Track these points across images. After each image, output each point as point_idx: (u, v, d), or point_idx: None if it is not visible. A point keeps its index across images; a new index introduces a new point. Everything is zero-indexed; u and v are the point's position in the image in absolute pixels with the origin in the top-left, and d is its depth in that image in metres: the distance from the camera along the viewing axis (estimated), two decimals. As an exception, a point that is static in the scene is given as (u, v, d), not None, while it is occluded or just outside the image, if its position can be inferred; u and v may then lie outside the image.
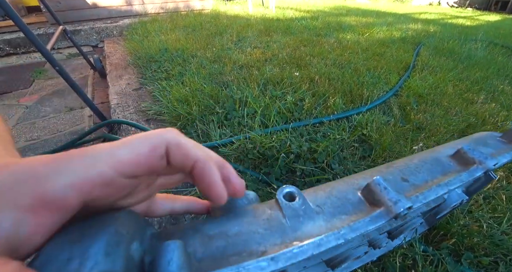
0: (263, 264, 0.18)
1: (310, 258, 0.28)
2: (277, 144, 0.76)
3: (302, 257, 0.20)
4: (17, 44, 2.23)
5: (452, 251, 0.62)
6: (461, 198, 0.49)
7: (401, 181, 0.30)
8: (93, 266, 0.14)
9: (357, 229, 0.23)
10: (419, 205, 0.26)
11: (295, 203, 0.25)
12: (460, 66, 1.59)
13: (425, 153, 0.38)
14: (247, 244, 0.21)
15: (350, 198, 0.27)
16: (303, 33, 2.08)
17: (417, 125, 0.98)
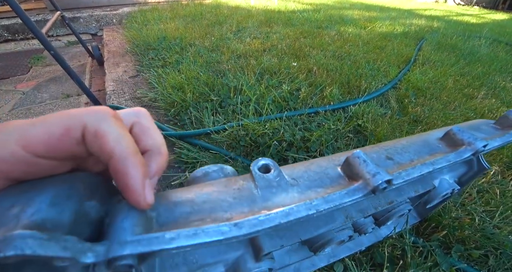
0: (224, 229, 0.17)
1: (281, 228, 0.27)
2: (270, 131, 0.75)
3: (268, 225, 0.19)
4: (15, 30, 2.21)
5: (443, 243, 0.61)
6: (452, 187, 0.48)
7: (385, 159, 0.29)
8: (34, 212, 0.13)
9: (331, 201, 0.22)
10: (400, 181, 0.25)
11: (269, 175, 0.24)
12: (462, 62, 1.57)
13: (414, 136, 0.37)
14: (212, 211, 0.20)
15: (329, 172, 0.26)
16: (304, 25, 2.05)
17: (414, 118, 0.97)
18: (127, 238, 0.15)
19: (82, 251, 0.13)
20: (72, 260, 0.13)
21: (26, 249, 0.11)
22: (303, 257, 0.43)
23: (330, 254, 0.53)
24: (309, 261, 0.51)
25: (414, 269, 0.53)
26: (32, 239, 0.11)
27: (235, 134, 0.76)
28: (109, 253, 0.14)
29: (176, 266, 0.27)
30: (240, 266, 0.29)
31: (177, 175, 0.70)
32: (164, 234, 0.16)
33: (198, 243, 0.16)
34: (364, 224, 0.41)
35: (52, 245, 0.12)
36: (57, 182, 0.16)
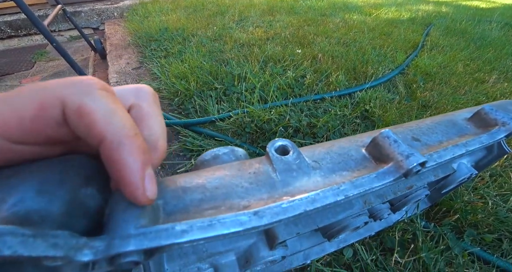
0: (243, 219, 0.15)
1: (302, 217, 0.25)
2: (276, 117, 0.74)
3: (292, 213, 0.17)
4: (18, 26, 2.21)
5: (455, 228, 0.60)
6: (470, 172, 0.46)
7: (412, 140, 0.27)
8: (16, 202, 0.11)
9: (360, 186, 0.19)
10: (432, 164, 0.23)
11: (288, 157, 0.21)
12: (472, 46, 1.52)
13: (438, 116, 0.34)
14: (227, 198, 0.18)
15: (352, 154, 0.24)
16: (308, 13, 2.00)
17: (423, 103, 0.94)
18: (130, 231, 0.13)
19: (76, 248, 0.11)
20: (65, 258, 0.11)
21: (5, 249, 0.09)
22: (315, 244, 0.42)
23: (340, 239, 0.52)
24: (318, 246, 0.50)
25: (425, 253, 0.52)
26: (11, 235, 0.09)
27: (240, 121, 0.75)
28: (110, 249, 0.12)
29: (185, 255, 0.26)
30: (252, 254, 0.28)
31: (183, 162, 0.69)
32: (174, 226, 0.14)
33: (213, 235, 0.14)
34: (380, 210, 0.39)
35: (38, 242, 0.10)
36: (46, 167, 0.13)
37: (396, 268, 0.51)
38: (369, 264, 0.50)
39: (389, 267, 0.50)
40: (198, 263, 0.26)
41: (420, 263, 0.51)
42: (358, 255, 0.52)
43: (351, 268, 0.51)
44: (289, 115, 0.76)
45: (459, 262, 0.52)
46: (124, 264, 0.13)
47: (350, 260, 0.51)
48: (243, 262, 0.27)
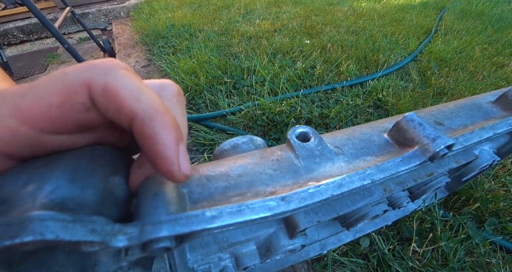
0: (271, 204, 0.15)
1: (323, 204, 0.24)
2: (287, 109, 0.73)
3: (319, 198, 0.16)
4: (30, 30, 2.26)
5: (475, 217, 0.58)
6: (493, 159, 0.44)
7: (435, 124, 0.26)
8: (53, 190, 0.11)
9: (386, 170, 0.19)
10: (459, 147, 0.22)
11: (310, 143, 0.21)
12: (490, 29, 1.45)
13: (461, 100, 0.33)
14: (252, 185, 0.18)
15: (374, 139, 0.23)
16: (315, 3, 1.96)
17: (438, 90, 0.91)
18: (162, 217, 0.13)
19: (112, 234, 0.11)
20: (102, 244, 0.11)
21: (47, 234, 0.09)
22: (332, 233, 0.41)
23: (356, 229, 0.52)
24: (335, 236, 0.50)
25: (444, 242, 0.51)
26: (53, 221, 0.10)
27: (252, 114, 0.75)
28: (143, 235, 0.12)
29: (206, 245, 0.26)
30: (273, 243, 0.27)
31: (196, 156, 0.70)
32: (205, 212, 0.14)
33: (243, 220, 0.14)
34: (400, 198, 0.38)
35: (78, 228, 0.10)
36: (75, 156, 0.13)
37: (414, 257, 0.50)
38: (386, 253, 0.49)
39: (407, 257, 0.49)
40: (219, 253, 0.26)
41: (439, 252, 0.50)
42: (374, 245, 0.51)
43: (368, 257, 0.50)
44: (300, 106, 0.76)
45: (480, 251, 0.51)
46: (156, 250, 0.13)
47: (367, 250, 0.51)
48: (263, 251, 0.28)
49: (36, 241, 0.09)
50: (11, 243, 0.09)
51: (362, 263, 0.50)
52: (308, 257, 0.45)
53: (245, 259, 0.27)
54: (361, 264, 0.50)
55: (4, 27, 2.18)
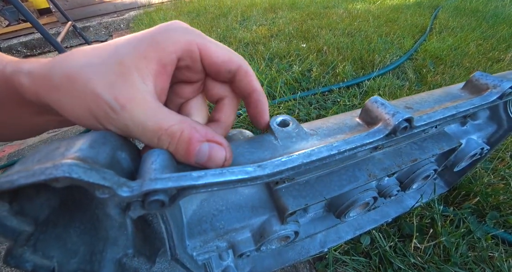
0: (249, 169, 0.18)
1: (313, 188, 0.27)
2: (285, 112, 0.74)
3: (291, 164, 0.19)
4: (33, 45, 2.32)
5: (475, 211, 0.58)
6: (481, 147, 0.45)
7: (404, 108, 0.28)
8: (77, 151, 0.15)
9: (351, 142, 0.22)
10: (422, 124, 0.24)
11: (288, 128, 0.25)
12: (485, 25, 1.46)
13: (433, 90, 0.35)
14: (236, 160, 0.21)
15: (347, 122, 0.26)
16: (310, 7, 1.99)
17: (434, 87, 0.92)
18: (157, 176, 0.16)
19: (118, 183, 0.15)
20: (111, 190, 0.14)
21: (73, 173, 0.13)
22: (328, 226, 0.42)
23: (355, 226, 0.52)
24: (335, 234, 0.50)
25: (446, 237, 0.51)
26: (77, 166, 0.13)
27: (250, 118, 0.77)
28: (143, 187, 0.15)
29: (204, 232, 0.28)
30: (266, 229, 0.30)
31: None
32: (192, 172, 0.17)
33: (223, 180, 0.17)
34: (389, 186, 0.40)
35: (94, 173, 0.13)
36: (93, 134, 0.18)
37: (416, 253, 0.50)
38: (388, 250, 0.50)
39: (409, 253, 0.50)
40: (216, 240, 0.28)
41: (440, 248, 0.51)
42: (375, 243, 0.52)
43: (370, 255, 0.51)
44: (297, 108, 0.77)
45: (482, 245, 0.51)
46: (153, 204, 0.16)
47: (368, 247, 0.51)
48: (257, 237, 0.29)
49: (65, 177, 0.12)
50: (47, 177, 0.12)
51: (363, 261, 0.50)
52: (309, 255, 0.46)
53: (240, 245, 0.29)
54: (363, 262, 0.50)
55: (8, 43, 2.24)
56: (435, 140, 0.36)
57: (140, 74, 0.18)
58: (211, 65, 0.21)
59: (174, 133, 0.18)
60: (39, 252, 0.15)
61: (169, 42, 0.18)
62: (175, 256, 0.23)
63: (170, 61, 0.19)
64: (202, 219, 0.27)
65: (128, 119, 0.17)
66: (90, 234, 0.20)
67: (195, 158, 0.18)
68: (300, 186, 0.28)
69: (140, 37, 0.19)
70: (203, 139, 0.18)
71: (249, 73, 0.22)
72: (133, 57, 0.18)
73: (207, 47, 0.20)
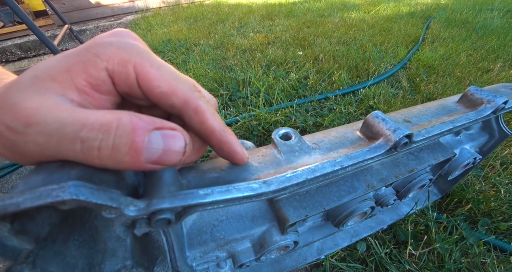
0: (254, 186, 0.18)
1: (308, 199, 0.27)
2: (282, 119, 0.75)
3: (296, 181, 0.20)
4: (28, 47, 2.30)
5: (468, 218, 0.60)
6: (473, 156, 0.47)
7: (403, 122, 0.29)
8: (83, 169, 0.14)
9: (354, 158, 0.22)
10: (421, 139, 0.25)
11: (291, 141, 0.25)
12: (475, 36, 1.51)
13: (429, 102, 0.36)
14: (240, 175, 0.21)
15: (348, 136, 0.27)
16: (306, 15, 2.03)
17: (427, 96, 0.95)
18: (164, 194, 0.16)
19: (125, 203, 0.14)
20: (118, 211, 0.14)
21: (80, 195, 0.12)
22: (326, 235, 0.43)
23: (352, 233, 0.53)
24: (331, 241, 0.51)
25: (439, 243, 0.52)
26: (84, 187, 0.13)
27: (248, 125, 0.77)
28: (150, 207, 0.15)
29: (204, 243, 0.28)
30: (266, 239, 0.30)
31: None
32: (198, 190, 0.17)
33: (230, 198, 0.17)
34: (386, 196, 0.41)
35: (101, 194, 0.13)
36: None
37: (411, 260, 0.51)
38: (384, 257, 0.50)
39: (404, 260, 0.51)
40: (216, 251, 0.28)
41: (434, 254, 0.52)
42: (371, 249, 0.52)
43: (366, 262, 0.51)
44: (294, 116, 0.78)
45: (475, 251, 0.52)
46: (159, 222, 0.16)
47: (364, 254, 0.52)
48: (257, 248, 0.30)
49: (72, 199, 0.12)
50: (54, 200, 0.12)
51: (360, 268, 0.51)
52: (306, 263, 0.46)
53: (241, 256, 0.29)
54: (359, 269, 0.51)
55: (2, 45, 2.22)
56: (430, 150, 0.37)
57: (57, 86, 0.14)
58: (149, 95, 0.16)
59: (107, 124, 0.13)
60: (38, 268, 0.15)
61: (101, 58, 0.15)
62: (176, 269, 0.23)
63: (102, 79, 0.15)
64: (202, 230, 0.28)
65: (38, 134, 0.13)
66: (88, 246, 0.20)
67: (144, 155, 0.14)
68: (301, 196, 0.28)
69: (72, 51, 0.16)
70: (151, 127, 0.14)
71: (201, 110, 0.17)
72: (51, 70, 0.15)
73: (146, 71, 0.16)
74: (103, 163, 0.14)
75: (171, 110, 0.17)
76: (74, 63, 0.15)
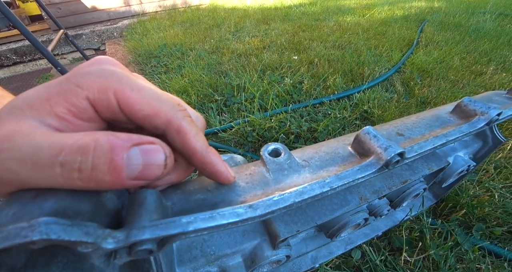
0: (239, 211, 0.18)
1: (295, 212, 0.26)
2: (276, 125, 0.75)
3: (283, 204, 0.19)
4: (23, 52, 2.29)
5: (462, 223, 0.60)
6: (468, 164, 0.47)
7: (396, 135, 0.29)
8: (56, 201, 0.14)
9: (344, 178, 0.21)
10: (413, 155, 0.25)
11: (280, 158, 0.24)
12: (468, 39, 1.52)
13: (424, 112, 0.36)
14: (226, 196, 0.21)
15: (339, 152, 0.26)
16: (302, 19, 2.04)
17: (421, 100, 0.95)
18: (145, 223, 0.15)
19: (103, 236, 0.14)
20: (94, 245, 0.13)
21: (51, 234, 0.12)
22: (319, 245, 0.43)
23: (346, 241, 0.53)
24: (326, 249, 0.51)
25: (434, 250, 0.52)
26: (56, 224, 0.12)
27: (242, 131, 0.77)
28: (129, 238, 0.14)
29: (194, 259, 0.27)
30: (257, 254, 0.29)
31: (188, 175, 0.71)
32: (181, 218, 0.16)
33: (214, 225, 0.17)
34: (379, 206, 0.40)
35: (75, 230, 0.13)
36: None
37: (406, 267, 0.51)
38: (378, 264, 0.50)
39: (399, 267, 0.50)
40: (207, 266, 0.28)
41: (430, 260, 0.51)
42: (366, 257, 0.52)
43: (361, 269, 0.51)
44: (289, 121, 0.78)
45: (470, 257, 0.52)
46: (140, 252, 0.15)
47: (359, 261, 0.52)
48: (249, 263, 0.29)
49: (43, 239, 0.11)
50: (22, 241, 0.11)
51: (355, 276, 0.50)
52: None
53: (232, 271, 0.29)
54: (354, 277, 0.50)
55: (-3, 50, 2.20)
56: (424, 160, 0.37)
57: (35, 113, 0.14)
58: (132, 118, 0.17)
59: (84, 146, 0.13)
60: None
61: (81, 87, 0.15)
62: None
63: (83, 107, 0.15)
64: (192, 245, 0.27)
65: (10, 159, 0.13)
66: (73, 267, 0.19)
67: (125, 172, 0.14)
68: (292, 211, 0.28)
69: (52, 81, 0.16)
70: (128, 144, 0.14)
71: (184, 130, 0.17)
72: (30, 99, 0.15)
73: (126, 96, 0.16)
74: (85, 185, 0.14)
75: (155, 131, 0.17)
76: (54, 92, 0.15)
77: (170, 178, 0.20)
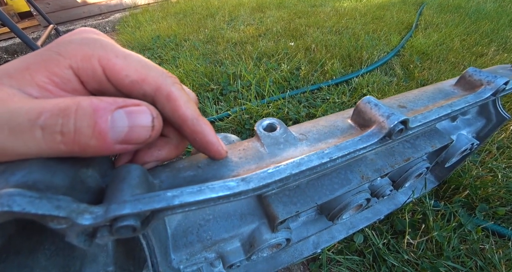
0: (231, 184, 0.16)
1: (299, 193, 0.25)
2: (274, 111, 0.74)
3: (278, 176, 0.18)
4: (14, 50, 2.24)
5: (465, 204, 0.59)
6: (471, 142, 0.46)
7: (398, 107, 0.27)
8: (25, 174, 0.12)
9: (344, 148, 0.20)
10: (417, 124, 0.23)
11: (275, 132, 0.23)
12: (468, 21, 1.49)
13: (425, 87, 0.35)
14: (218, 172, 0.19)
15: (338, 125, 0.25)
16: (297, 6, 1.99)
17: (422, 82, 0.93)
18: (126, 198, 0.14)
19: (78, 211, 0.12)
20: (68, 220, 0.12)
21: (14, 206, 0.11)
22: (320, 229, 0.42)
23: (348, 225, 0.52)
24: (327, 234, 0.50)
25: (437, 232, 0.51)
26: (20, 196, 0.11)
27: (239, 119, 0.75)
28: (108, 213, 0.13)
29: (190, 244, 0.26)
30: (256, 238, 0.28)
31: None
32: (166, 192, 0.15)
33: (203, 199, 0.15)
34: (382, 186, 0.39)
35: (44, 203, 0.11)
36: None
37: (409, 249, 0.50)
38: (381, 248, 0.50)
39: (402, 250, 0.50)
40: (204, 252, 0.27)
41: (433, 242, 0.51)
42: (369, 241, 0.51)
43: (363, 253, 0.50)
44: (287, 107, 0.76)
45: (473, 238, 0.51)
46: (122, 230, 0.14)
47: (362, 246, 0.51)
48: (247, 247, 0.28)
49: (4, 211, 0.10)
50: None
51: (357, 260, 0.50)
52: (302, 257, 0.45)
53: (230, 256, 0.28)
54: (356, 261, 0.50)
55: (-13, 49, 2.16)
56: (427, 137, 0.36)
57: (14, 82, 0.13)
58: (119, 86, 0.16)
59: (65, 108, 0.13)
60: None
61: (63, 55, 0.14)
62: None
63: (66, 78, 0.15)
64: (188, 230, 0.26)
65: None
66: (63, 254, 0.18)
67: (110, 135, 0.13)
68: (290, 191, 0.26)
69: (33, 52, 0.15)
70: (112, 107, 0.14)
71: (174, 97, 0.16)
72: (8, 69, 0.14)
73: (112, 63, 0.15)
74: (70, 149, 0.13)
75: (144, 99, 0.16)
76: (34, 62, 0.14)
77: (160, 154, 0.19)
